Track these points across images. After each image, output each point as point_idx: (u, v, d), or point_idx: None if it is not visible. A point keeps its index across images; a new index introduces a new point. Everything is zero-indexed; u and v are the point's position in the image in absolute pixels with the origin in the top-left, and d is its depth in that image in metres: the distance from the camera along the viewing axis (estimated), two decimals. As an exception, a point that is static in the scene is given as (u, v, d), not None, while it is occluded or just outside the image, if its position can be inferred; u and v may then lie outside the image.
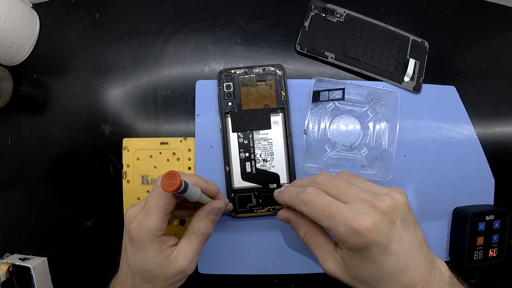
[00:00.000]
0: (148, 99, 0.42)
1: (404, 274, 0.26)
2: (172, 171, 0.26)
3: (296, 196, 0.30)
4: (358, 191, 0.28)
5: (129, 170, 0.42)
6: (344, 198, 0.28)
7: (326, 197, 0.28)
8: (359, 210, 0.26)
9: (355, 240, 0.26)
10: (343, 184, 0.29)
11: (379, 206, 0.26)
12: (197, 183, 0.32)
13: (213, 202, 0.33)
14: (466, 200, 0.43)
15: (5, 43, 0.40)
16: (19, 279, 0.41)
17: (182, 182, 0.26)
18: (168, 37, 0.43)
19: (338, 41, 0.42)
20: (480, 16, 0.46)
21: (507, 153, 0.45)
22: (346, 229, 0.26)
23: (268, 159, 0.40)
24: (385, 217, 0.26)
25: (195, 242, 0.32)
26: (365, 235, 0.25)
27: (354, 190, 0.28)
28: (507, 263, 0.44)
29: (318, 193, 0.28)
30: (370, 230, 0.25)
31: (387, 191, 0.29)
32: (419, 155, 0.43)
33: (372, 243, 0.25)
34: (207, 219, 0.32)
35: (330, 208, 0.27)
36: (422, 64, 0.43)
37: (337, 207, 0.27)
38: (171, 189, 0.26)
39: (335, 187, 0.29)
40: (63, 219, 0.43)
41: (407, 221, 0.28)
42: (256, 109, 0.40)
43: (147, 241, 0.29)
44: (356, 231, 0.25)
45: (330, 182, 0.30)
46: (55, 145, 0.43)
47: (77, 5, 0.44)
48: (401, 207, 0.28)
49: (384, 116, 0.42)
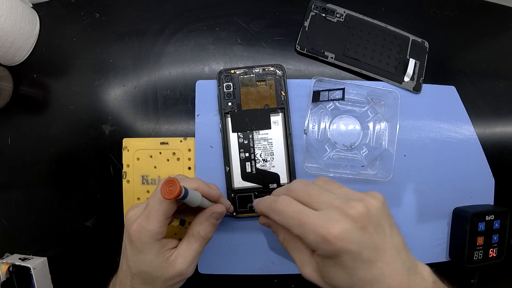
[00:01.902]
0: (148, 99, 0.42)
1: (379, 281, 0.25)
2: (172, 178, 0.26)
3: (269, 205, 0.30)
4: (330, 197, 0.28)
5: (129, 170, 0.42)
6: (316, 206, 0.28)
7: (297, 206, 0.28)
8: (329, 217, 0.26)
9: (325, 248, 0.25)
10: (315, 191, 0.29)
11: (350, 212, 0.26)
12: (199, 188, 0.31)
13: (213, 206, 0.33)
14: (466, 200, 0.43)
15: (5, 43, 0.40)
16: (19, 279, 0.41)
17: (182, 189, 0.26)
18: (168, 37, 0.43)
19: (338, 41, 0.42)
20: (480, 16, 0.46)
21: (507, 153, 0.45)
22: (316, 237, 0.25)
23: (268, 159, 0.40)
24: (356, 223, 0.25)
25: (194, 245, 0.32)
26: (333, 243, 0.25)
27: (326, 197, 0.28)
28: (507, 263, 0.44)
29: (289, 202, 0.28)
30: (338, 237, 0.25)
31: (361, 197, 0.28)
32: (419, 155, 0.43)
33: (342, 250, 0.25)
34: (207, 222, 0.32)
35: (300, 217, 0.27)
36: (422, 64, 0.43)
37: (307, 215, 0.27)
38: (171, 197, 0.26)
39: (307, 194, 0.29)
40: (63, 219, 0.43)
41: (381, 227, 0.27)
42: (256, 109, 0.41)
43: (147, 244, 0.29)
44: (325, 239, 0.25)
45: (302, 189, 0.29)
46: (55, 145, 0.43)
47: (77, 5, 0.44)
48: (374, 213, 0.27)
49: (384, 116, 0.42)
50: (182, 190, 0.26)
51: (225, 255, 0.41)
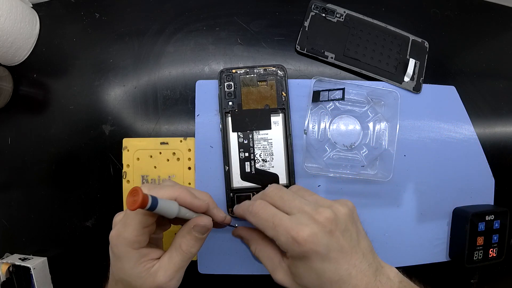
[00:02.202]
0: (148, 99, 0.42)
1: (346, 282, 0.27)
2: (136, 187, 0.24)
3: (246, 208, 0.32)
4: (302, 203, 0.30)
5: (129, 170, 0.42)
6: (288, 210, 0.30)
7: (272, 209, 0.30)
8: (300, 221, 0.28)
9: (295, 249, 0.27)
10: (288, 196, 0.31)
11: (317, 218, 0.28)
12: (179, 197, 0.29)
13: (196, 218, 0.30)
14: (466, 200, 0.43)
15: (5, 43, 0.40)
16: (19, 279, 0.41)
17: (148, 199, 0.24)
18: (168, 37, 0.43)
19: (338, 41, 0.42)
20: (480, 16, 0.46)
21: (507, 153, 0.45)
22: (287, 239, 0.28)
23: (267, 159, 0.40)
24: (323, 228, 0.28)
25: (176, 259, 0.30)
26: (302, 244, 0.27)
27: (297, 202, 0.30)
28: (507, 263, 0.44)
29: (264, 205, 0.30)
30: (307, 240, 0.27)
31: (330, 204, 0.30)
32: (419, 155, 0.43)
33: (310, 252, 0.27)
34: (189, 236, 0.30)
35: (274, 219, 0.29)
36: (422, 64, 0.43)
37: (279, 218, 0.29)
38: (134, 207, 0.24)
39: (280, 199, 0.31)
40: (63, 219, 0.43)
41: (348, 232, 0.29)
42: (256, 109, 0.41)
43: (125, 252, 0.28)
44: (295, 241, 0.27)
45: (277, 194, 0.31)
46: (55, 145, 0.43)
47: (77, 5, 0.44)
48: (342, 219, 0.29)
49: (384, 116, 0.42)
50: (148, 200, 0.24)
51: (225, 255, 0.41)
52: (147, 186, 0.29)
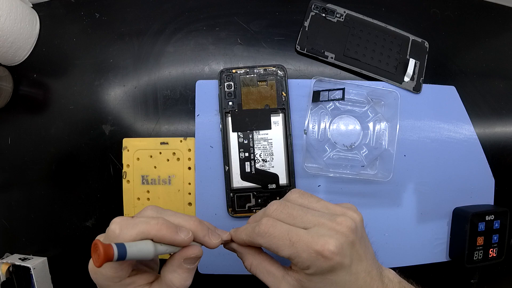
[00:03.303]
0: (148, 99, 0.42)
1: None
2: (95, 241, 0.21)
3: (252, 231, 0.28)
4: (315, 215, 0.27)
5: (129, 170, 0.42)
6: (302, 225, 0.27)
7: (283, 225, 0.27)
8: (321, 234, 0.26)
9: (320, 264, 0.25)
10: (297, 211, 0.28)
11: (339, 228, 0.26)
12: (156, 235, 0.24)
13: (185, 251, 0.26)
14: (466, 200, 0.43)
15: (5, 43, 0.40)
16: (19, 279, 0.41)
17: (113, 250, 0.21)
18: (168, 37, 0.43)
19: (338, 41, 0.42)
20: (480, 16, 0.46)
21: (507, 153, 0.45)
22: (310, 255, 0.25)
23: (267, 159, 0.40)
24: (347, 238, 0.26)
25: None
26: (330, 258, 0.25)
27: (310, 216, 0.27)
28: (507, 263, 0.44)
29: (274, 222, 0.27)
30: (335, 252, 0.25)
31: (343, 211, 0.28)
32: (419, 155, 0.43)
33: (337, 266, 0.25)
34: (181, 270, 0.26)
35: (290, 236, 0.26)
36: (422, 64, 0.43)
37: (296, 234, 0.26)
38: (99, 263, 0.21)
39: (289, 216, 0.28)
40: (63, 219, 0.43)
41: (363, 240, 0.28)
42: (256, 109, 0.41)
43: (106, 285, 0.26)
44: (320, 255, 0.25)
45: (283, 211, 0.28)
46: (55, 145, 0.43)
47: (77, 5, 0.44)
48: (359, 227, 0.28)
49: (384, 116, 0.42)
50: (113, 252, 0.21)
51: (225, 255, 0.41)
52: (118, 222, 0.24)
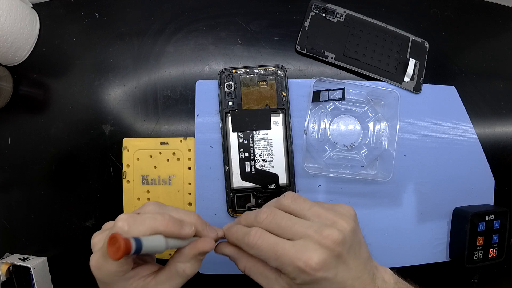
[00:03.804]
0: (148, 99, 0.42)
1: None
2: (114, 234, 0.22)
3: (242, 239, 0.28)
4: (303, 226, 0.27)
5: (129, 170, 0.42)
6: (289, 236, 0.27)
7: (271, 238, 0.27)
8: (305, 248, 0.26)
9: (304, 278, 0.26)
10: (286, 222, 0.28)
11: (324, 242, 0.26)
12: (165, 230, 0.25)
13: (199, 245, 0.28)
14: (466, 200, 0.43)
15: (5, 43, 0.40)
16: (19, 279, 0.41)
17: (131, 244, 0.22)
18: (168, 37, 0.43)
19: (338, 41, 0.42)
20: (480, 16, 0.46)
21: (507, 153, 0.45)
22: (294, 269, 0.26)
23: (267, 159, 0.40)
24: (331, 252, 0.26)
25: (178, 280, 0.28)
26: (312, 274, 0.25)
27: (298, 226, 0.27)
28: (507, 263, 0.44)
29: (262, 235, 0.27)
30: (316, 268, 0.25)
31: (333, 220, 0.28)
32: (419, 155, 0.43)
33: (320, 279, 0.26)
34: (194, 260, 0.28)
35: (276, 249, 0.26)
36: (422, 64, 0.43)
37: (282, 248, 0.26)
38: (118, 256, 0.21)
39: (277, 226, 0.28)
40: (63, 219, 0.43)
41: (353, 248, 0.28)
42: (256, 109, 0.41)
43: (110, 280, 0.26)
44: (302, 270, 0.25)
45: (272, 221, 0.28)
46: (55, 145, 0.43)
47: (77, 5, 0.44)
48: (348, 238, 0.27)
49: (384, 116, 0.42)
50: (131, 245, 0.22)
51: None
52: (125, 219, 0.25)
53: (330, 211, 0.28)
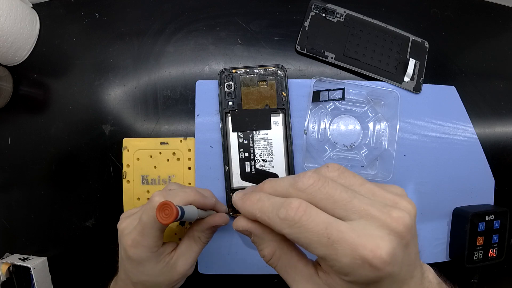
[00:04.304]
0: (148, 99, 0.42)
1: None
2: (166, 201, 0.25)
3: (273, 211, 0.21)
4: (363, 203, 0.21)
5: (129, 170, 0.42)
6: (343, 214, 0.20)
7: (321, 215, 0.20)
8: (369, 232, 0.19)
9: (365, 274, 0.19)
10: (341, 193, 0.21)
11: (395, 226, 0.20)
12: (194, 201, 0.31)
13: (216, 218, 0.33)
14: (466, 200, 0.43)
15: (5, 43, 0.40)
16: (19, 279, 0.41)
17: (179, 211, 0.26)
18: (168, 37, 0.43)
19: (338, 41, 0.42)
20: (480, 16, 0.46)
21: (507, 153, 0.45)
22: (353, 260, 0.19)
23: (267, 159, 0.40)
24: (402, 240, 0.20)
25: (195, 248, 0.33)
26: (381, 268, 0.19)
27: (357, 202, 0.21)
28: (507, 263, 0.44)
29: (309, 209, 0.20)
30: (387, 261, 0.19)
31: (395, 200, 0.22)
32: (419, 155, 0.43)
33: (386, 276, 0.19)
34: (209, 231, 0.33)
35: (329, 232, 0.19)
36: (422, 64, 0.43)
37: (337, 230, 0.19)
38: (168, 221, 0.25)
39: (330, 199, 0.21)
40: (63, 219, 0.43)
41: (415, 238, 0.22)
42: (256, 109, 0.40)
43: (145, 257, 0.29)
44: (367, 263, 0.19)
45: (321, 190, 0.21)
46: (55, 145, 0.43)
47: (77, 5, 0.44)
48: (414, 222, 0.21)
49: (384, 116, 0.42)
50: (179, 212, 0.26)
51: (225, 255, 0.41)
52: (161, 194, 0.30)
53: (386, 191, 0.22)
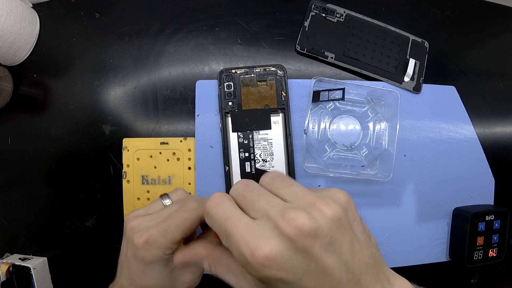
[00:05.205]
0: (148, 99, 0.42)
1: None
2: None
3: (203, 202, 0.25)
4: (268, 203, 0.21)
5: (129, 170, 0.42)
6: (252, 213, 0.21)
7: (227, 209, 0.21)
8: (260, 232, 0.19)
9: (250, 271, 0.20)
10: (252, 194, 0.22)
11: (283, 227, 0.19)
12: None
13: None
14: (466, 200, 0.43)
15: (5, 43, 0.40)
16: (19, 279, 0.41)
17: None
18: (168, 37, 0.43)
19: (338, 41, 0.42)
20: (480, 16, 0.46)
21: (507, 153, 0.45)
22: (239, 257, 0.20)
23: (267, 159, 0.40)
24: (292, 244, 0.19)
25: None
26: (259, 270, 0.19)
27: (262, 202, 0.21)
28: (507, 263, 0.44)
29: (221, 201, 0.22)
30: (264, 264, 0.18)
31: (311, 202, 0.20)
32: (419, 155, 0.43)
33: (271, 278, 0.19)
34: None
35: (227, 224, 0.20)
36: (422, 64, 0.43)
37: (234, 223, 0.20)
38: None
39: (243, 198, 0.22)
40: (63, 219, 0.43)
41: (336, 244, 0.19)
42: (256, 109, 0.40)
43: (156, 258, 0.27)
44: (246, 261, 0.19)
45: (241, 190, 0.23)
46: (55, 145, 0.43)
47: (77, 5, 0.44)
48: (325, 227, 0.19)
49: (384, 116, 0.42)
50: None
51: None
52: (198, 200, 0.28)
53: (312, 193, 0.21)
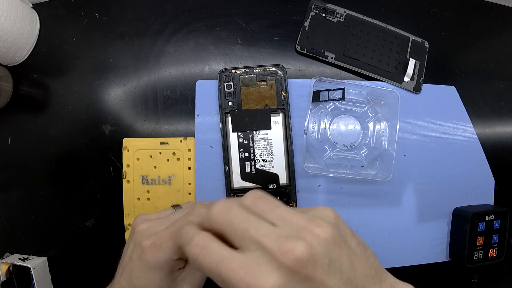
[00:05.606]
0: (148, 99, 0.42)
1: None
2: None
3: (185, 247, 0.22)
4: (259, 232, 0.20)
5: (129, 170, 0.42)
6: (241, 243, 0.20)
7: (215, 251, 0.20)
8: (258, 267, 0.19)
9: None
10: (240, 222, 0.21)
11: (283, 260, 0.18)
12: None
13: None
14: (466, 200, 0.43)
15: (5, 43, 0.40)
16: (19, 279, 0.41)
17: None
18: (168, 37, 0.43)
19: (338, 41, 0.42)
20: (480, 16, 0.46)
21: (507, 153, 0.45)
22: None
23: (267, 159, 0.40)
24: (294, 275, 0.18)
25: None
26: None
27: (254, 232, 0.20)
28: (507, 263, 0.44)
29: (206, 245, 0.20)
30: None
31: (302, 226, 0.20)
32: (419, 155, 0.43)
33: None
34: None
35: (219, 270, 0.19)
36: (422, 64, 0.43)
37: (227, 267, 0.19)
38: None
39: (230, 227, 0.21)
40: (63, 219, 0.43)
41: (335, 264, 0.19)
42: (256, 109, 0.40)
43: (162, 261, 0.26)
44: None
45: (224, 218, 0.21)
46: (55, 145, 0.43)
47: (77, 5, 0.44)
48: (322, 250, 0.19)
49: (384, 116, 0.42)
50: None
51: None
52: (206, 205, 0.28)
53: (300, 214, 0.21)
